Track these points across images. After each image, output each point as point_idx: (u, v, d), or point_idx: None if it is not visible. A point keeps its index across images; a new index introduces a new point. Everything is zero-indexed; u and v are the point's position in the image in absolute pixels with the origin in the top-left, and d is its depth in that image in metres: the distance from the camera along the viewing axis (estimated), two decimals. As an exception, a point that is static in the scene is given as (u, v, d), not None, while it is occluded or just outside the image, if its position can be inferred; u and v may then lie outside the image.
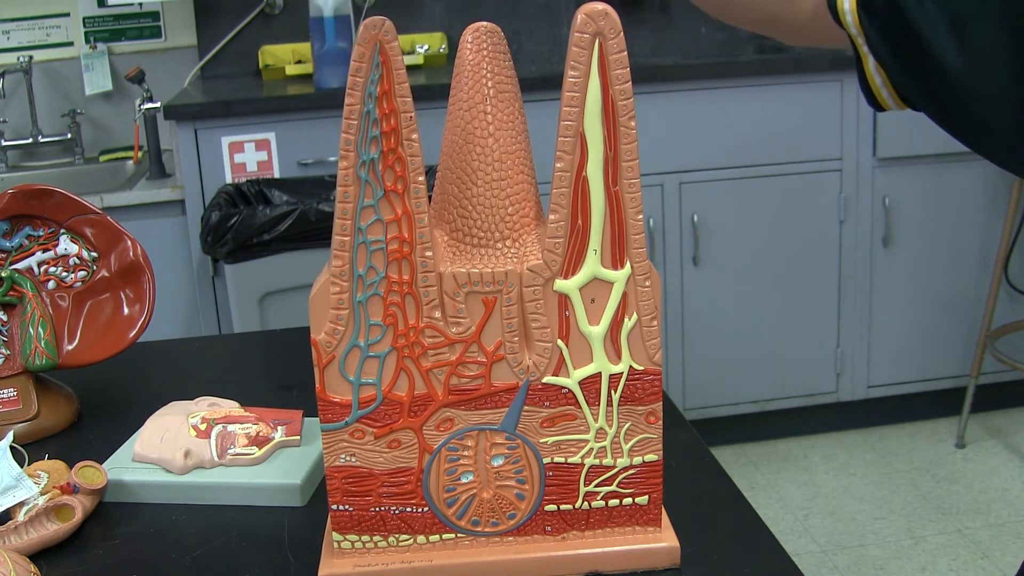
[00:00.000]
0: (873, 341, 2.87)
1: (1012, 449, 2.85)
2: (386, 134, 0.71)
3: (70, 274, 1.10)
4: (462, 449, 0.77)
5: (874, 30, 0.77)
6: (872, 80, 0.80)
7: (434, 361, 0.75)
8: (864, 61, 0.79)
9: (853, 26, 0.78)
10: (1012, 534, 2.47)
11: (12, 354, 1.08)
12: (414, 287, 0.74)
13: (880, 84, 0.79)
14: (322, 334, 0.75)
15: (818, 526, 2.54)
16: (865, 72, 0.80)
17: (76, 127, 2.91)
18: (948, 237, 2.82)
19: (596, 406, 0.77)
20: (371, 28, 0.69)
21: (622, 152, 0.73)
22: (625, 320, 0.76)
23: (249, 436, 0.97)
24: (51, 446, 1.06)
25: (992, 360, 2.81)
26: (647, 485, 0.80)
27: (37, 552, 0.86)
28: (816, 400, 2.91)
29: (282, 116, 2.53)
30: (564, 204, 0.73)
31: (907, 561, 2.39)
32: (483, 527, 0.80)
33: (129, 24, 2.97)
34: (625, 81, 0.71)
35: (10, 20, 2.93)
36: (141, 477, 0.94)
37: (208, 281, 2.55)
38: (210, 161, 2.51)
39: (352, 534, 0.79)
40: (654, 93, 2.61)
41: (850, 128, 2.71)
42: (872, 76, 0.79)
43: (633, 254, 0.75)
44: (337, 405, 0.76)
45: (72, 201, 1.08)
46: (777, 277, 2.78)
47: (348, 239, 0.73)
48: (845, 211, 2.76)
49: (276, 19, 2.99)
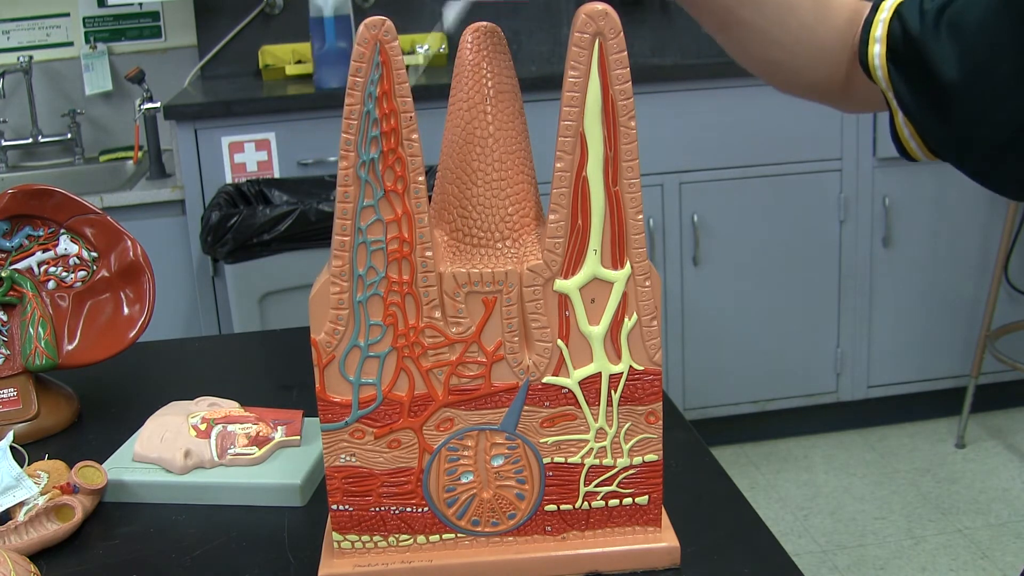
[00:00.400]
0: (873, 341, 2.87)
1: (1012, 449, 2.85)
2: (386, 134, 0.71)
3: (70, 274, 1.10)
4: (462, 449, 0.77)
5: (901, 83, 0.80)
6: (901, 132, 0.83)
7: (434, 361, 0.75)
8: (895, 115, 0.82)
9: (883, 81, 0.81)
10: (1012, 534, 2.47)
11: (12, 354, 1.08)
12: (414, 287, 0.74)
13: (908, 136, 0.83)
14: (322, 334, 0.75)
15: (818, 526, 2.54)
16: (896, 124, 0.83)
17: (76, 127, 2.91)
18: (948, 237, 2.82)
19: (596, 406, 0.77)
20: (371, 28, 0.69)
21: (622, 152, 0.73)
22: (625, 320, 0.76)
23: (249, 436, 0.97)
24: (51, 446, 1.05)
25: (992, 360, 2.81)
26: (647, 485, 0.80)
27: (37, 552, 0.86)
28: (816, 400, 2.91)
29: (282, 116, 2.53)
30: (564, 204, 0.73)
31: (907, 561, 2.39)
32: (483, 527, 0.80)
33: (129, 24, 2.97)
34: (625, 81, 0.71)
35: (10, 20, 2.93)
36: (141, 477, 0.94)
37: (208, 281, 2.55)
38: (210, 161, 2.51)
39: (352, 534, 0.79)
40: (654, 93, 2.61)
41: (850, 128, 2.71)
42: (901, 128, 0.83)
43: (633, 254, 0.75)
44: (337, 405, 0.76)
45: (72, 201, 1.08)
46: (777, 277, 2.78)
47: (348, 239, 0.73)
48: (845, 211, 2.76)
49: (276, 19, 2.99)
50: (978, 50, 0.75)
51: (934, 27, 0.77)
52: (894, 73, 0.81)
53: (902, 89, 0.81)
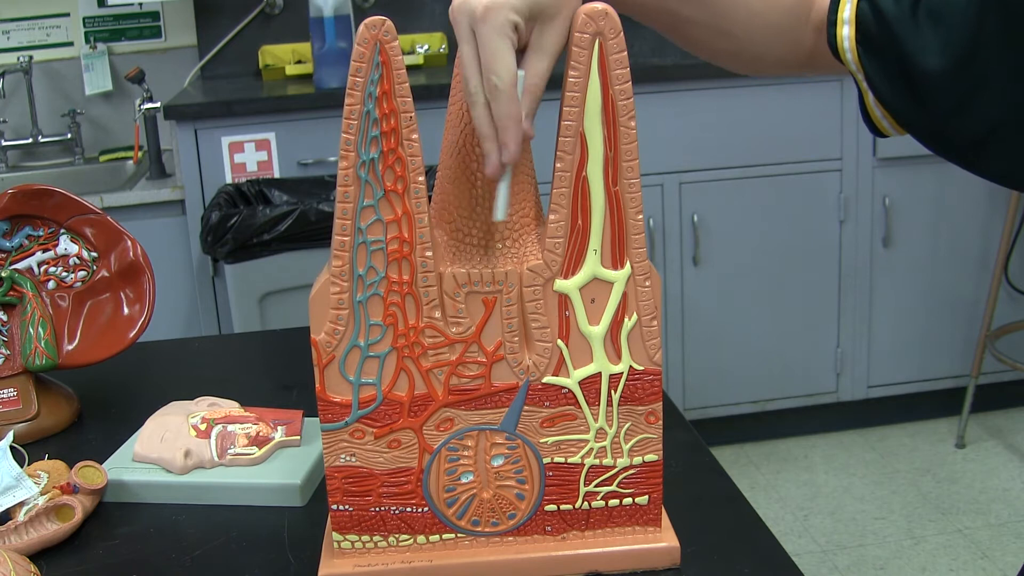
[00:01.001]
0: (873, 341, 2.87)
1: (1012, 449, 2.85)
2: (386, 134, 0.71)
3: (70, 274, 1.10)
4: (462, 449, 0.77)
5: (874, 68, 0.78)
6: (872, 111, 0.81)
7: (434, 361, 0.75)
8: (865, 95, 0.81)
9: (853, 63, 0.79)
10: (1012, 534, 2.47)
11: (12, 354, 1.08)
12: (414, 287, 0.74)
13: (880, 116, 0.81)
14: (322, 334, 0.75)
15: (818, 526, 2.54)
16: (866, 104, 0.81)
17: (76, 127, 2.91)
18: (948, 237, 2.82)
19: (596, 406, 0.77)
20: (371, 28, 0.69)
21: (622, 152, 0.73)
22: (625, 320, 0.76)
23: (249, 436, 0.97)
24: (51, 446, 1.06)
25: (992, 360, 2.81)
26: (647, 485, 0.80)
27: (37, 552, 0.86)
28: (816, 400, 2.90)
29: (282, 116, 2.53)
30: (564, 204, 0.73)
31: (907, 561, 2.39)
32: (483, 527, 0.80)
33: (129, 24, 2.97)
34: (625, 81, 0.71)
35: (10, 20, 2.93)
36: (141, 477, 0.94)
37: (208, 281, 2.55)
38: (210, 161, 2.51)
39: (352, 534, 0.79)
40: (654, 93, 2.61)
41: (850, 128, 2.71)
42: (872, 108, 0.81)
43: (633, 254, 0.75)
44: (337, 405, 0.76)
45: (72, 201, 1.08)
46: (777, 277, 2.78)
47: (348, 239, 0.73)
48: (845, 211, 2.76)
49: (276, 19, 2.99)
50: (961, 42, 0.73)
51: (911, 13, 0.75)
52: (865, 57, 0.78)
53: (875, 75, 0.78)
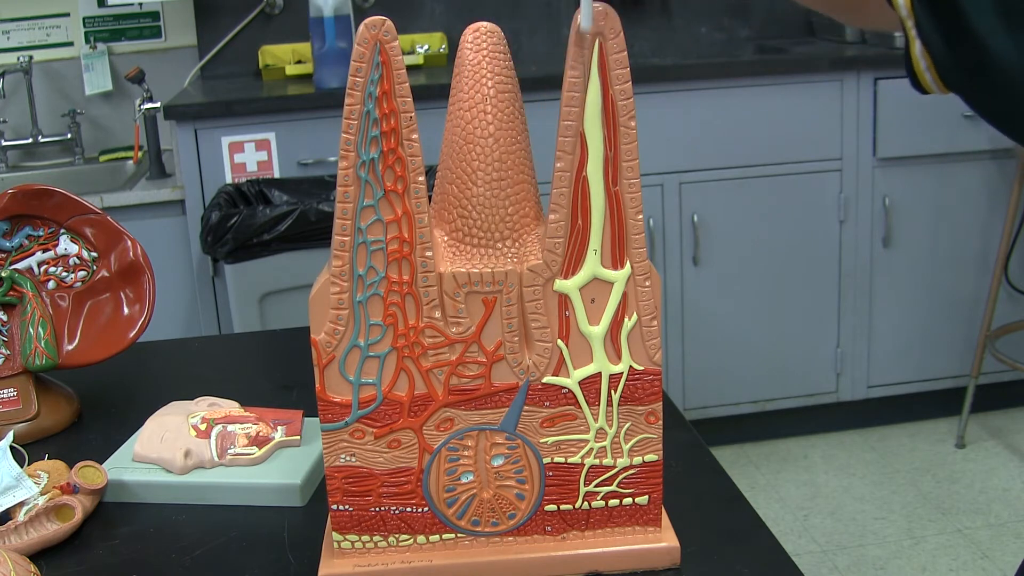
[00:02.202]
0: (873, 341, 2.87)
1: (1012, 449, 2.85)
2: (386, 134, 0.71)
3: (70, 274, 1.10)
4: (462, 449, 0.77)
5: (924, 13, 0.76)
6: (917, 64, 0.79)
7: (434, 361, 0.75)
8: (911, 45, 0.78)
9: (904, 8, 0.77)
10: (1012, 534, 2.47)
11: (12, 354, 1.08)
12: (414, 287, 0.74)
13: (924, 68, 0.78)
14: (322, 334, 0.75)
15: (818, 526, 2.54)
16: (911, 55, 0.79)
17: (76, 127, 2.91)
18: (948, 237, 2.82)
19: (596, 406, 0.77)
20: (371, 28, 0.69)
21: (622, 152, 0.73)
22: (625, 320, 0.76)
23: (249, 436, 0.97)
24: (51, 446, 1.05)
25: (992, 360, 2.81)
26: (647, 485, 0.80)
27: (37, 552, 0.86)
28: (816, 400, 2.91)
29: (282, 116, 2.53)
30: (564, 204, 0.73)
31: (907, 561, 2.39)
32: (483, 527, 0.80)
33: (129, 24, 2.97)
34: (625, 81, 0.71)
35: (10, 20, 2.93)
36: (141, 477, 0.94)
37: (208, 281, 2.55)
38: (210, 161, 2.51)
39: (352, 534, 0.79)
40: (654, 93, 2.61)
41: (850, 128, 2.71)
42: (917, 60, 0.78)
43: (633, 254, 0.75)
44: (337, 405, 0.76)
45: (72, 201, 1.08)
46: (777, 277, 2.78)
47: (348, 239, 0.73)
48: (845, 211, 2.76)
49: (276, 19, 2.99)
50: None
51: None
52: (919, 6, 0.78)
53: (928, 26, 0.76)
